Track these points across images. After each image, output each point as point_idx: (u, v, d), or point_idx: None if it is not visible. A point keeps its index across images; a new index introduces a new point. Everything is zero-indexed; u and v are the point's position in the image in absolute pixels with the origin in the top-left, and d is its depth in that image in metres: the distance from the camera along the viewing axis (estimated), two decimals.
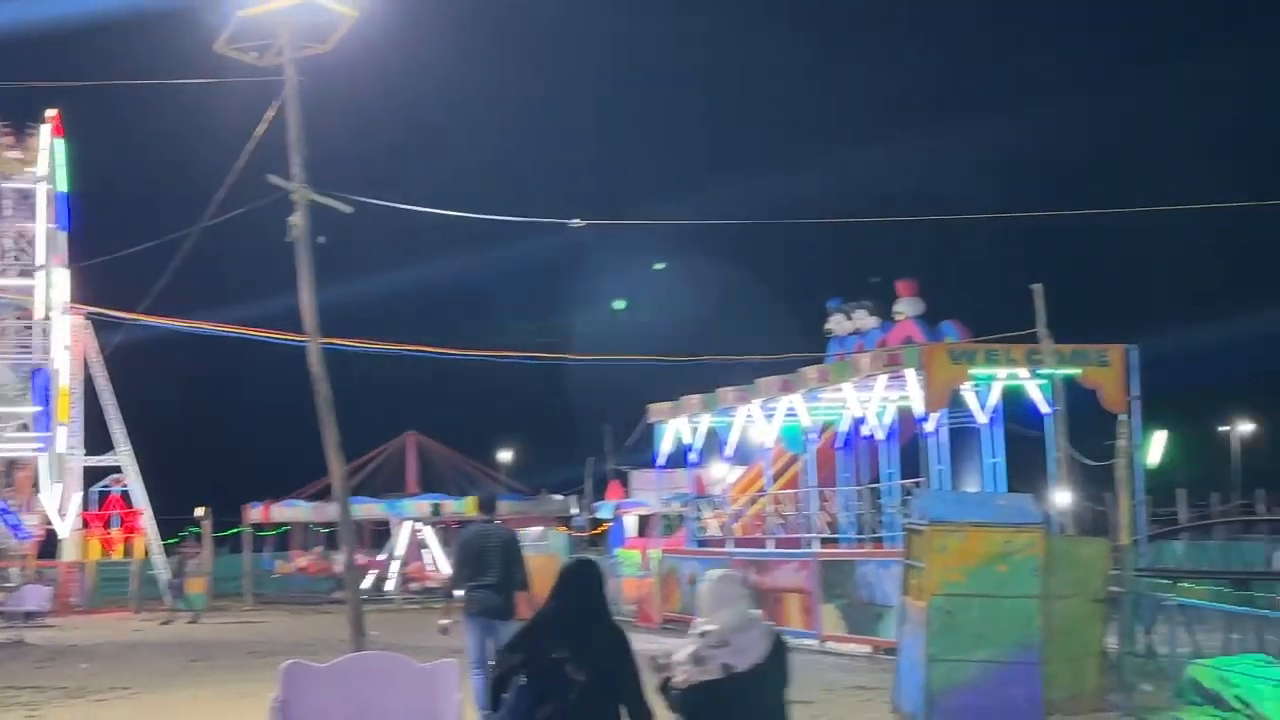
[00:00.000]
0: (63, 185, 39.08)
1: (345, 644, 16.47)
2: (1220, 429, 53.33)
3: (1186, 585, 16.95)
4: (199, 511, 37.88)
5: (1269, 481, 36.63)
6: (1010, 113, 60.29)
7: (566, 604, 6.76)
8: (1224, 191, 52.74)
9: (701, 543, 25.81)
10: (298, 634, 25.58)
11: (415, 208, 21.68)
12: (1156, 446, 16.52)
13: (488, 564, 12.21)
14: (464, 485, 40.60)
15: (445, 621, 12.64)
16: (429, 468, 43.32)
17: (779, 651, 6.77)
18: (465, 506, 37.43)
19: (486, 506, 13.96)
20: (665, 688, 6.82)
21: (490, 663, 11.72)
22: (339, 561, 33.90)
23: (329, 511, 33.41)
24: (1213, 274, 56.36)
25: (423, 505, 39.38)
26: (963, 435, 22.39)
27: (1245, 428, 53.62)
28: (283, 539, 42.32)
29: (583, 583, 6.85)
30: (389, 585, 38.53)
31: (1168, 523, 30.87)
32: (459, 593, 12.60)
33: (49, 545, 37.86)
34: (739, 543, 24.61)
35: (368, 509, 38.43)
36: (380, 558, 39.91)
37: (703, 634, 6.75)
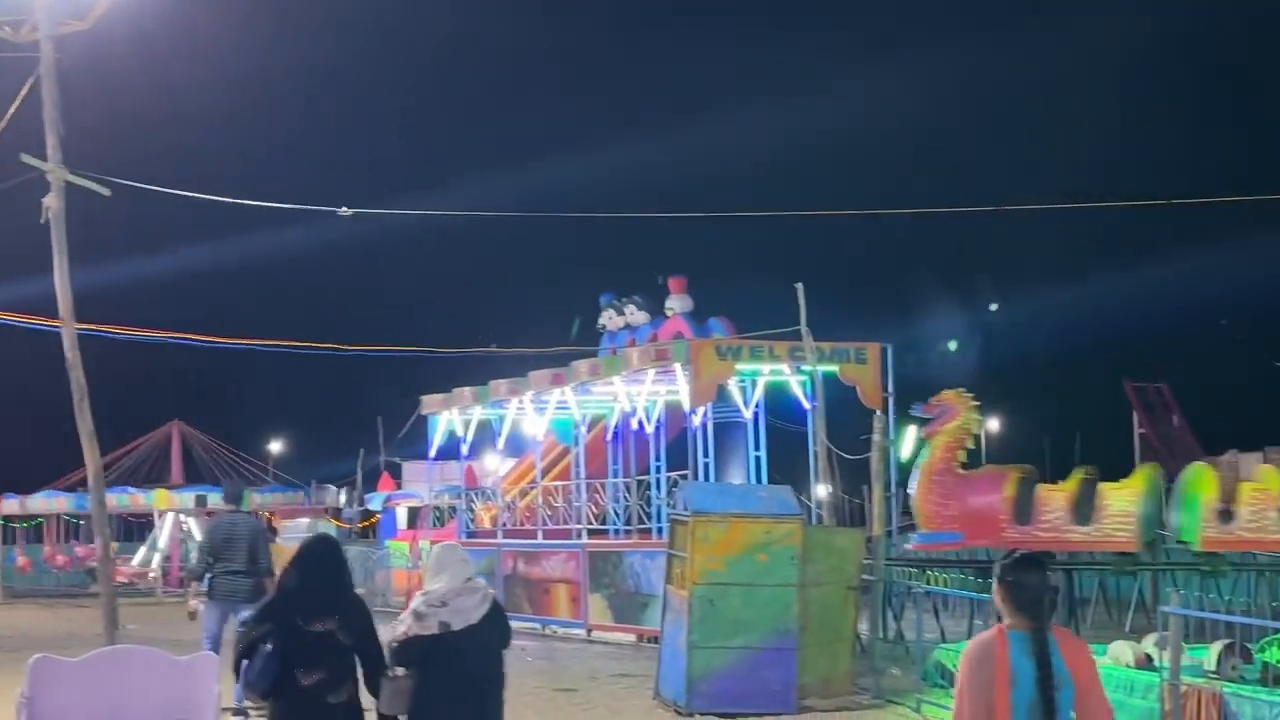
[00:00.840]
0: None
1: (99, 638, 16.04)
2: None
3: (934, 574, 17.79)
4: None
5: None
6: (774, 108, 61.54)
7: (317, 577, 7.13)
8: (981, 191, 55.04)
9: (472, 534, 25.82)
10: (50, 628, 24.75)
11: (175, 191, 21.05)
12: (909, 441, 17.19)
13: (234, 552, 13.22)
14: (230, 476, 39.71)
15: (195, 604, 13.51)
16: (193, 458, 42.32)
17: (495, 617, 7.32)
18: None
19: (233, 498, 14.66)
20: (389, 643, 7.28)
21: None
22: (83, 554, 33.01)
23: (86, 502, 32.27)
24: (961, 272, 58.44)
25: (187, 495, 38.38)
26: (728, 429, 22.84)
27: (992, 423, 56.05)
28: (37, 530, 40.81)
29: (328, 558, 7.27)
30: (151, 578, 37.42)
31: None
32: (204, 578, 13.50)
33: None
34: (509, 534, 24.71)
35: (135, 499, 37.30)
36: (142, 550, 38.75)
37: (425, 594, 7.27)
